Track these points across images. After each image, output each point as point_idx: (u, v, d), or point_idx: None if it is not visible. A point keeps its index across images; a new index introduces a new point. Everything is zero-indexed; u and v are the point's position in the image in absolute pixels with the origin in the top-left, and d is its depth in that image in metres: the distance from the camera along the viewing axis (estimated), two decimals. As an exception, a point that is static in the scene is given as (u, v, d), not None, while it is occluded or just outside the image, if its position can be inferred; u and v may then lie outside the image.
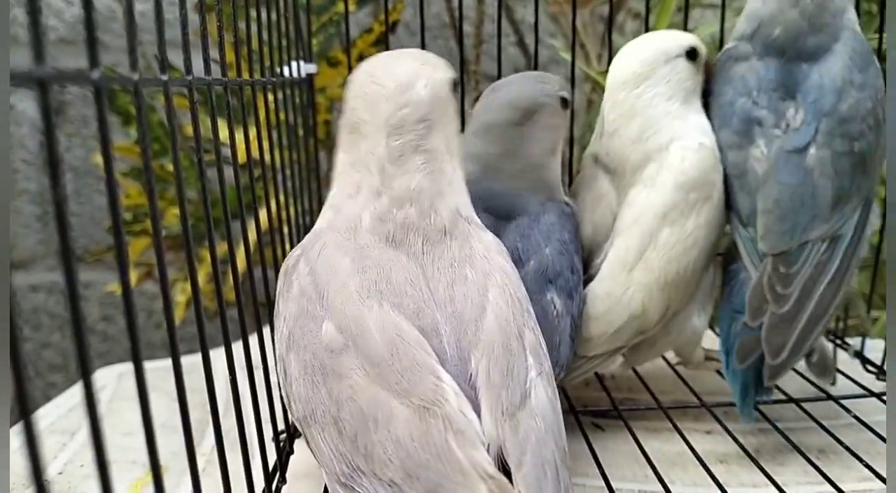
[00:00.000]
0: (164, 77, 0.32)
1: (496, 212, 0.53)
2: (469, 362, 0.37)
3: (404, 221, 0.40)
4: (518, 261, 0.51)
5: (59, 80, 0.23)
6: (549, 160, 0.55)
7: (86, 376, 0.24)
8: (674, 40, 0.57)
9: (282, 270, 0.43)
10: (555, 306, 0.51)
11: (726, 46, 0.59)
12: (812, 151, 0.52)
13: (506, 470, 0.34)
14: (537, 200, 0.54)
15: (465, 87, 1.00)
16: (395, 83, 0.41)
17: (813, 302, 0.51)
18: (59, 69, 0.22)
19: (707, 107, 0.58)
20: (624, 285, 0.54)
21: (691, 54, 0.56)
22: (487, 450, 0.34)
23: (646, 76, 0.55)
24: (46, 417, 0.62)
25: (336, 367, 0.36)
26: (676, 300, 0.55)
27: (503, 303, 0.39)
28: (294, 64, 0.61)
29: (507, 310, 0.39)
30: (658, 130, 0.55)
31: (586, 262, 0.57)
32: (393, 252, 0.40)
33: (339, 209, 0.42)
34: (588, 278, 0.56)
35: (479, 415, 0.35)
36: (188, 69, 0.37)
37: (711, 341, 0.69)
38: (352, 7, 0.92)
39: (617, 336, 0.54)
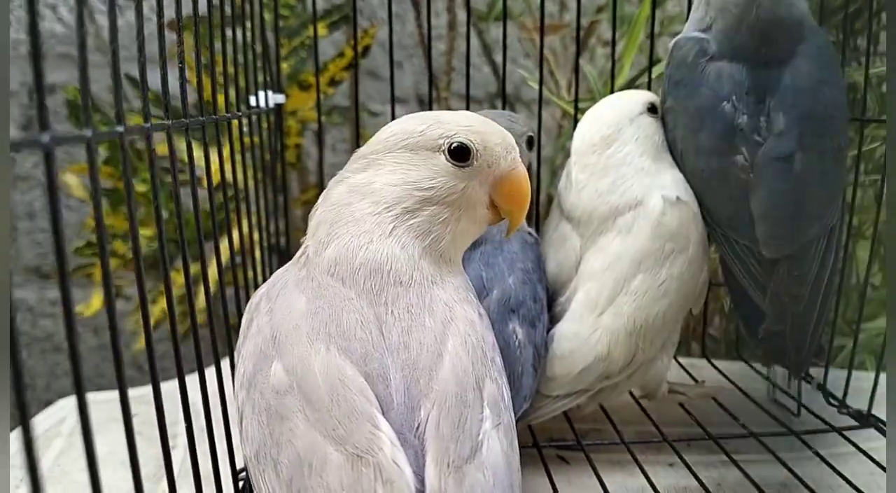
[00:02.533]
0: (120, 129, 0.32)
1: None
2: (419, 410, 0.36)
3: (364, 262, 0.40)
4: (482, 290, 0.51)
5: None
6: None
7: (25, 426, 0.24)
8: (633, 99, 0.58)
9: (247, 307, 0.43)
10: (517, 336, 0.51)
11: (686, 33, 0.58)
12: (799, 155, 0.53)
13: None
14: (500, 229, 0.54)
15: (436, 105, 1.01)
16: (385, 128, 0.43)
17: (821, 294, 0.54)
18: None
19: (665, 96, 0.58)
20: (592, 326, 0.55)
21: (652, 109, 0.58)
22: None
23: (614, 138, 0.56)
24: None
25: (280, 408, 0.36)
26: (643, 349, 0.55)
27: (462, 352, 0.38)
28: (262, 94, 0.61)
29: (466, 359, 0.38)
30: (630, 186, 0.55)
31: (551, 299, 0.57)
32: (349, 293, 0.39)
33: (305, 251, 0.43)
34: (553, 317, 0.56)
35: (423, 466, 0.34)
36: (167, 107, 0.39)
37: (675, 371, 0.70)
38: (323, 32, 0.91)
39: (580, 378, 0.55)
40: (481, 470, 0.35)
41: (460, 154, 0.41)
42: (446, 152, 0.41)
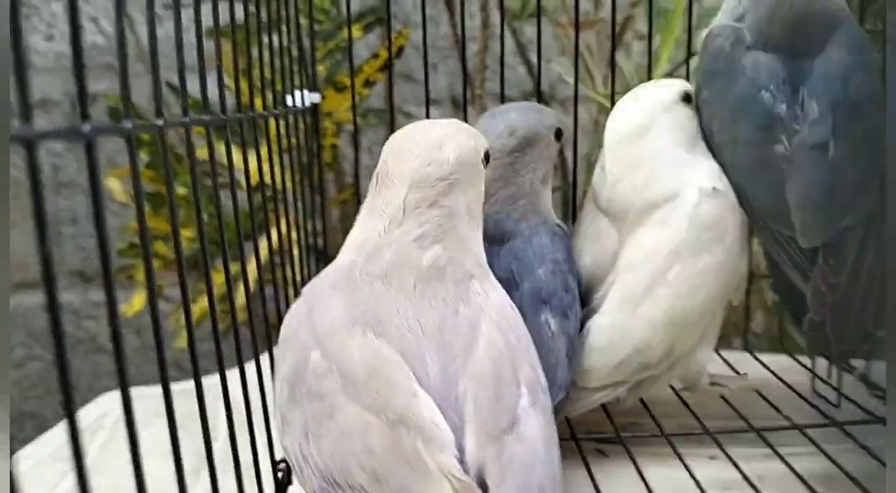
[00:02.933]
0: (160, 122, 0.33)
1: (490, 236, 0.53)
2: (456, 386, 0.37)
3: (399, 261, 0.42)
4: (512, 283, 0.52)
5: (47, 138, 0.24)
6: (540, 189, 0.56)
7: (71, 418, 0.25)
8: (667, 89, 0.57)
9: (291, 308, 0.45)
10: (549, 327, 0.51)
11: (720, 21, 0.57)
12: (833, 142, 0.52)
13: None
14: (529, 223, 0.55)
15: (471, 106, 1.02)
16: (427, 142, 0.44)
17: (863, 283, 0.53)
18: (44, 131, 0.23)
19: (701, 88, 0.57)
20: (629, 318, 0.54)
21: (687, 98, 0.57)
22: (469, 471, 0.35)
23: (648, 127, 0.55)
24: (48, 444, 0.62)
25: (319, 390, 0.38)
26: (681, 340, 0.55)
27: (497, 336, 0.39)
28: (298, 93, 0.62)
29: (500, 342, 0.39)
30: (667, 179, 0.55)
31: (586, 294, 0.57)
32: (384, 288, 0.41)
33: (345, 251, 0.45)
34: (589, 311, 0.56)
35: (462, 437, 0.36)
36: (206, 106, 0.40)
37: (716, 365, 0.69)
38: (357, 34, 0.92)
39: (619, 369, 0.54)
40: (520, 442, 0.36)
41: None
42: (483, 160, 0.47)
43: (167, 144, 0.35)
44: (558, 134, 0.57)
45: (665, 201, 0.55)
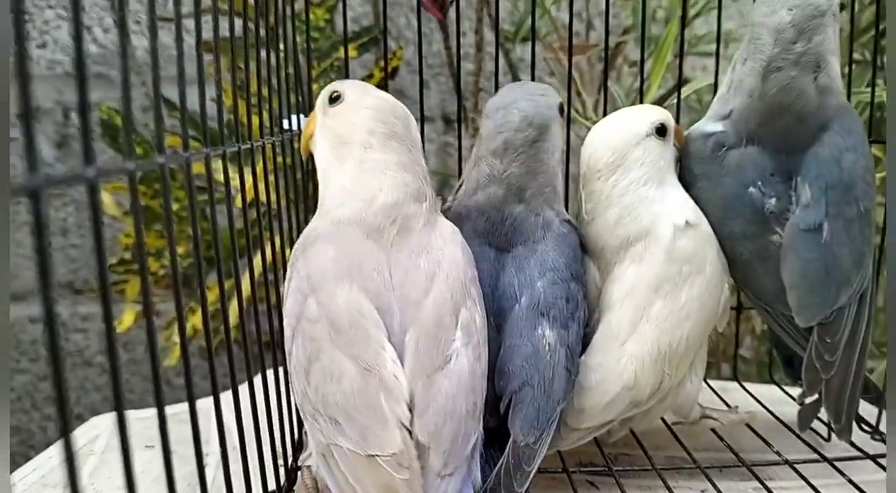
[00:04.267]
0: (161, 160, 0.33)
1: (498, 244, 0.54)
2: (406, 335, 0.45)
3: (380, 214, 0.48)
4: (512, 298, 0.52)
5: (53, 185, 0.24)
6: (559, 168, 0.57)
7: (67, 444, 0.25)
8: (641, 119, 0.56)
9: (291, 255, 0.50)
10: (546, 340, 0.51)
11: (699, 127, 0.59)
12: (826, 224, 0.53)
13: None
14: (541, 221, 0.55)
15: (464, 124, 1.02)
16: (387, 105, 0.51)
17: (855, 358, 0.55)
18: (50, 176, 0.23)
19: (688, 188, 0.58)
20: (616, 356, 0.54)
21: (661, 130, 0.56)
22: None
23: (618, 164, 0.55)
24: (38, 469, 0.61)
25: (312, 333, 0.45)
26: (670, 374, 0.55)
27: (445, 286, 0.47)
28: (294, 117, 0.62)
29: (447, 292, 0.46)
30: (637, 217, 0.55)
31: None
32: (368, 244, 0.47)
33: (330, 210, 0.50)
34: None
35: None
36: (205, 135, 0.41)
37: (705, 394, 0.69)
38: (353, 54, 0.92)
39: (610, 408, 0.54)
40: (448, 377, 0.44)
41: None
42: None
43: (167, 178, 0.35)
44: (561, 109, 0.57)
45: (638, 239, 0.55)
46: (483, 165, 0.55)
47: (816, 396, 0.56)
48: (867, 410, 0.65)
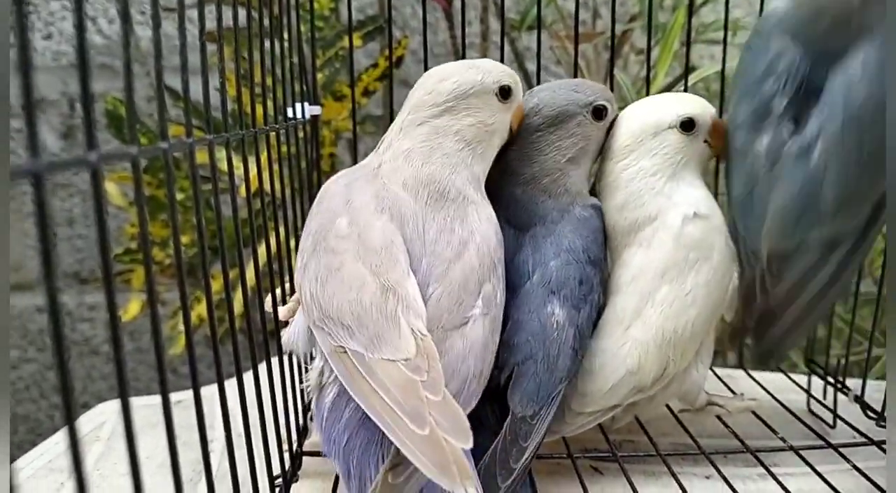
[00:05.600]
0: (165, 145, 0.33)
1: (516, 223, 0.55)
2: (429, 288, 0.46)
3: (424, 181, 0.50)
4: (526, 274, 0.53)
5: (55, 170, 0.24)
6: (568, 168, 0.56)
7: (72, 430, 0.25)
8: (668, 109, 0.56)
9: (324, 186, 0.53)
10: (555, 318, 0.51)
11: (775, 4, 0.54)
12: (817, 154, 0.50)
13: None
14: (557, 205, 0.55)
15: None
16: (438, 75, 0.54)
17: (800, 305, 0.53)
18: (52, 162, 0.23)
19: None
20: (620, 341, 0.54)
21: (687, 125, 0.55)
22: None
23: (632, 149, 0.55)
24: (45, 454, 0.61)
25: (336, 246, 0.46)
26: (674, 361, 0.54)
27: (475, 257, 0.48)
28: (299, 106, 0.62)
29: (475, 262, 0.48)
30: (642, 204, 0.55)
31: None
32: (406, 195, 0.49)
33: (373, 159, 0.53)
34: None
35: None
36: (209, 123, 0.41)
37: (711, 382, 0.69)
38: (357, 43, 0.92)
39: (613, 393, 0.54)
40: (462, 338, 0.45)
41: (506, 93, 0.53)
42: (497, 94, 0.53)
43: (171, 163, 0.35)
44: (598, 112, 0.56)
45: (647, 223, 0.55)
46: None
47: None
48: (872, 397, 0.65)
